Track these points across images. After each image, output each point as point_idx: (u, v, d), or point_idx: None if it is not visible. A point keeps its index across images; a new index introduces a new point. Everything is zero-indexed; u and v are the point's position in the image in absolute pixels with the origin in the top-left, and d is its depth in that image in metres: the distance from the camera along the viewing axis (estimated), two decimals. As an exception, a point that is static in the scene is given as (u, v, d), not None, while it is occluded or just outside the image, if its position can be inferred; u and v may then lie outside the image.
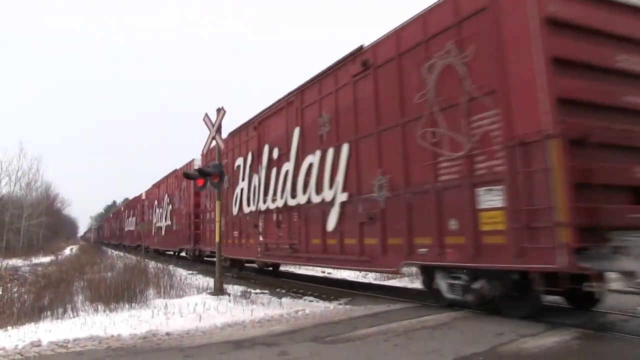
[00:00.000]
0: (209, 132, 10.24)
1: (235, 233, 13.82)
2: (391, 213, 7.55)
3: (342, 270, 13.23)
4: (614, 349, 4.52)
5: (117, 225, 46.55)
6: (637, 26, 6.07)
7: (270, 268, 14.52)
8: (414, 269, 8.95)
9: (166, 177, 24.96)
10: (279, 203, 11.06)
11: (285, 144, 10.90)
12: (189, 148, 47.55)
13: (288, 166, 10.69)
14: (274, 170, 11.38)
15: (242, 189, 13.33)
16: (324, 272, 14.96)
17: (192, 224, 19.15)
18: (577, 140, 5.24)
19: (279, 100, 11.50)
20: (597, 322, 5.73)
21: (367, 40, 8.34)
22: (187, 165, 19.83)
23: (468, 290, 6.35)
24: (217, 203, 10.08)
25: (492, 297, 6.19)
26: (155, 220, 27.02)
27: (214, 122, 10.10)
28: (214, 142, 10.27)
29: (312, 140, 9.84)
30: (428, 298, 7.56)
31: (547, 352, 4.38)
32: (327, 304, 8.25)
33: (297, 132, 10.41)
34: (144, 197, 32.40)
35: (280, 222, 11.17)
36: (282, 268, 15.66)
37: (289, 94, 10.93)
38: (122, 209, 45.01)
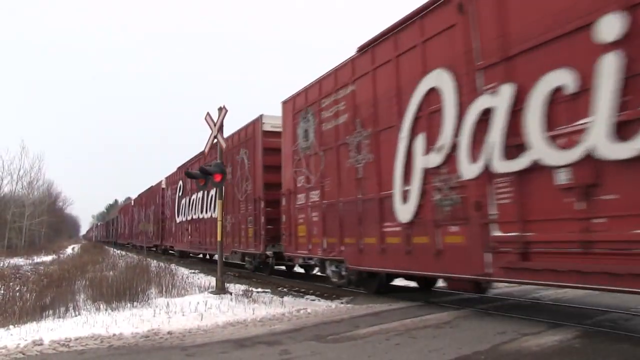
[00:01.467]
0: (210, 131, 10.25)
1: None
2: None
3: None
4: (615, 347, 4.50)
5: (149, 216, 28.16)
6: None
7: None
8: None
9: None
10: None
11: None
12: (189, 148, 47.33)
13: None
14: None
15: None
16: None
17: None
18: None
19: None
20: (596, 320, 5.72)
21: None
22: None
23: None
24: (219, 202, 10.08)
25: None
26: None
27: (215, 121, 10.10)
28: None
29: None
30: (430, 297, 7.54)
31: (549, 351, 4.38)
32: (328, 302, 8.27)
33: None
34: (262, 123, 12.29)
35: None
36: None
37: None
38: (164, 182, 24.88)
